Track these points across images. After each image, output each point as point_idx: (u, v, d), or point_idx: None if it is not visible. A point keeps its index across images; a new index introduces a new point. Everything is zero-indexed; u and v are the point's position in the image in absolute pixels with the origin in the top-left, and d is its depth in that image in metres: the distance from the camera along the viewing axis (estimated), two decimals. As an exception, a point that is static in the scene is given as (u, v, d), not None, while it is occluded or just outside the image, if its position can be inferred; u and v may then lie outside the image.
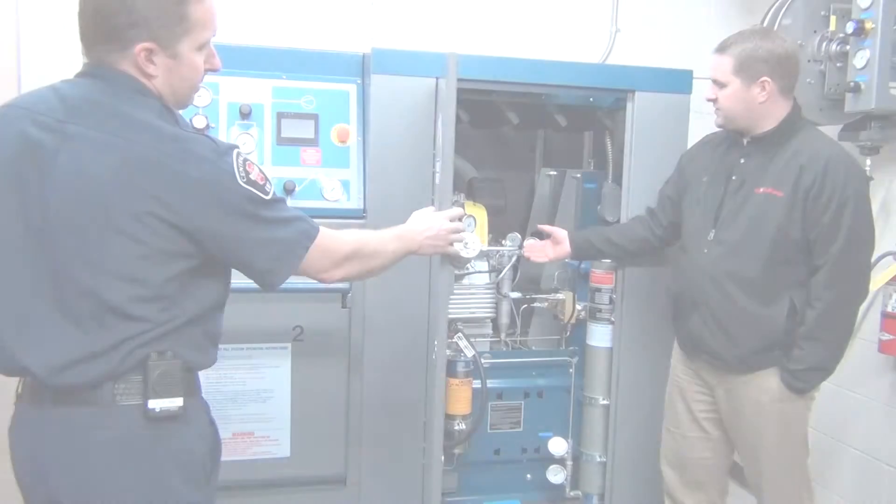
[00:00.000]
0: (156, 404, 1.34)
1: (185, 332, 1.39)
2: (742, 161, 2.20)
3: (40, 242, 1.32)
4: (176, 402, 1.36)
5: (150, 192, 1.29)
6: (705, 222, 2.22)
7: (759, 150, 2.17)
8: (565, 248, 2.53)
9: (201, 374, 1.50)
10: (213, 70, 1.47)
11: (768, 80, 2.09)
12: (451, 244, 1.95)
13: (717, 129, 2.33)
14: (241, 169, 1.36)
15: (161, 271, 1.33)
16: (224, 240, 1.37)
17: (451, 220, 1.92)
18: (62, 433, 1.34)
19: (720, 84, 2.15)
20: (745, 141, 2.21)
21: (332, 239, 1.53)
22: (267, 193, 1.40)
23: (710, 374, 2.28)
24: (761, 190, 2.12)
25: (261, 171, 1.42)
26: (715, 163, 2.28)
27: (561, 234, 2.54)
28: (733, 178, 2.20)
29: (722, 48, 2.15)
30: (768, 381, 2.15)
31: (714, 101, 2.18)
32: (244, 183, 1.36)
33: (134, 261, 1.31)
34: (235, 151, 1.38)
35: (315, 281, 1.56)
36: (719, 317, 2.17)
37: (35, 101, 1.37)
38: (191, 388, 1.43)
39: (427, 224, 1.85)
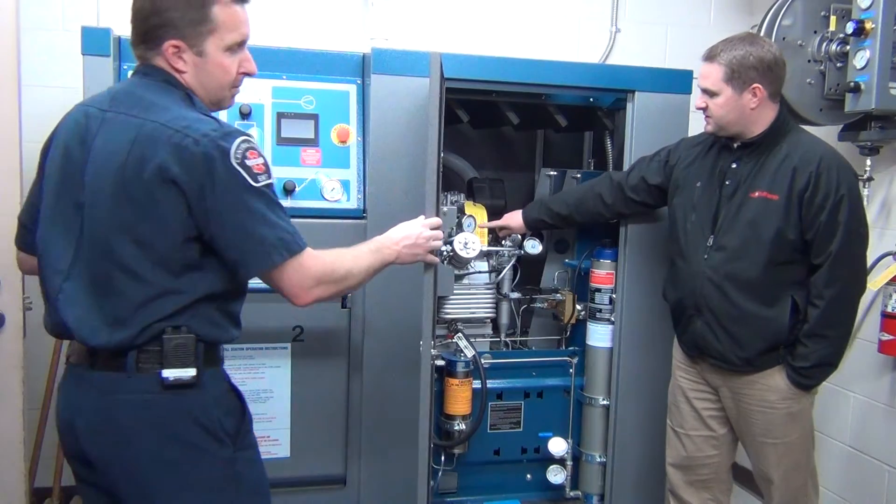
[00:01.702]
0: (169, 374, 1.46)
1: (199, 309, 1.49)
2: (734, 166, 2.20)
3: (78, 213, 1.48)
4: (189, 372, 1.47)
5: (156, 163, 1.41)
6: (703, 228, 2.22)
7: (749, 154, 2.17)
8: (517, 219, 2.66)
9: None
10: (249, 74, 1.60)
11: (759, 86, 2.09)
12: (432, 252, 1.97)
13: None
14: (238, 151, 1.44)
15: (168, 240, 1.44)
16: (208, 217, 1.43)
17: (431, 229, 1.94)
18: (93, 392, 1.48)
19: (711, 93, 2.14)
20: (734, 145, 2.21)
21: (313, 259, 1.54)
22: (256, 182, 1.45)
23: (713, 376, 2.29)
24: (756, 194, 2.12)
25: (265, 164, 1.48)
26: (707, 168, 2.27)
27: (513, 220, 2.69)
28: (727, 182, 2.20)
29: (710, 56, 2.14)
30: (774, 380, 2.16)
31: (704, 109, 2.18)
32: (236, 163, 1.43)
33: (143, 226, 1.43)
34: (242, 137, 1.46)
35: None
36: (723, 320, 2.18)
37: (92, 98, 1.59)
38: (209, 359, 1.52)
39: (405, 233, 1.89)
